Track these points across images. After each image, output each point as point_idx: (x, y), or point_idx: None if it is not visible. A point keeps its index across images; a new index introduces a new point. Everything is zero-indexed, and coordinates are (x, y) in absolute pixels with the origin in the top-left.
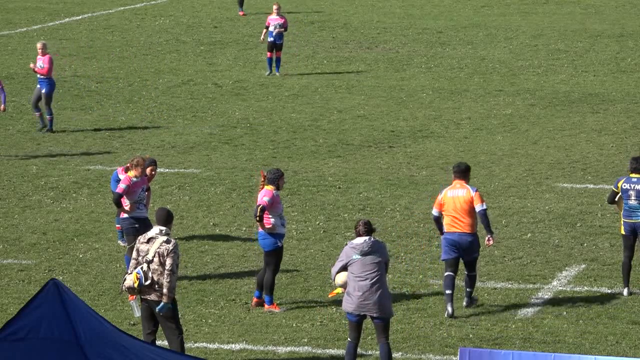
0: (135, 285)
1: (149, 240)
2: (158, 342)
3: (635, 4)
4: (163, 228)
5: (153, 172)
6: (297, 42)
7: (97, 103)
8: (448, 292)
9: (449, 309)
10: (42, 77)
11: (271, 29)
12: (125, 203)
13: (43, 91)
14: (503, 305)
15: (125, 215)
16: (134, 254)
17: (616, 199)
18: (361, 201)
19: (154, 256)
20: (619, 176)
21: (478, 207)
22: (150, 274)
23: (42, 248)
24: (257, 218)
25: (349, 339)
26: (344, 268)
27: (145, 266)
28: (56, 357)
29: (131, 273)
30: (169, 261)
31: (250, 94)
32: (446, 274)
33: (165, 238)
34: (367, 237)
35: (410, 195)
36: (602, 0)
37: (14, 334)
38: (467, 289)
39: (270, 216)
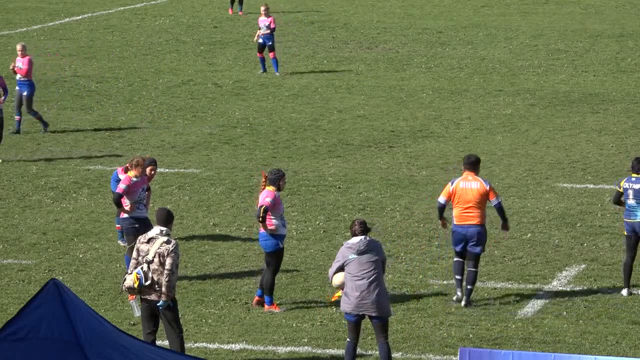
0: (135, 285)
1: (149, 241)
2: (158, 342)
3: (635, 4)
4: (163, 228)
5: (153, 172)
6: (297, 42)
7: (97, 103)
8: (457, 277)
9: (458, 293)
10: (22, 79)
11: (261, 31)
12: (126, 203)
13: (24, 94)
14: (503, 305)
15: (125, 215)
16: (134, 254)
17: (622, 199)
18: (361, 201)
19: (154, 256)
20: (619, 176)
21: (494, 201)
22: (150, 274)
23: (42, 248)
24: (260, 219)
25: (347, 339)
26: (341, 269)
27: (145, 266)
28: (56, 357)
29: (131, 273)
30: (168, 261)
31: (250, 94)
32: (455, 259)
33: (165, 238)
34: (362, 237)
35: (410, 195)
36: (602, 0)
37: (14, 334)
38: (468, 287)
39: (272, 217)
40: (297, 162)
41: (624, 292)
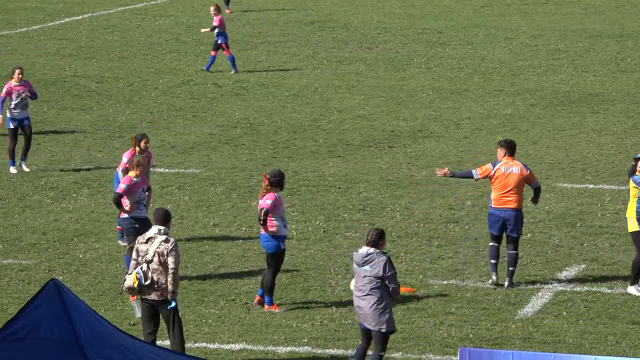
0: (135, 285)
1: (148, 240)
2: (158, 342)
3: (635, 4)
4: (162, 227)
5: (147, 144)
6: (297, 42)
7: (97, 103)
8: (493, 261)
9: (494, 277)
10: None
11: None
12: (125, 203)
13: None
14: (503, 305)
15: (126, 215)
16: (134, 255)
17: None
18: (361, 201)
19: (153, 256)
20: (619, 176)
21: (535, 184)
22: (149, 274)
23: (42, 248)
24: (261, 222)
25: (359, 342)
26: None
27: (144, 266)
28: (56, 357)
29: (131, 273)
30: (170, 259)
31: (250, 94)
32: (491, 244)
33: (164, 237)
34: (367, 248)
35: (410, 195)
36: (602, 0)
37: (14, 334)
38: (510, 268)
39: (273, 219)
40: (297, 162)
41: (633, 290)
